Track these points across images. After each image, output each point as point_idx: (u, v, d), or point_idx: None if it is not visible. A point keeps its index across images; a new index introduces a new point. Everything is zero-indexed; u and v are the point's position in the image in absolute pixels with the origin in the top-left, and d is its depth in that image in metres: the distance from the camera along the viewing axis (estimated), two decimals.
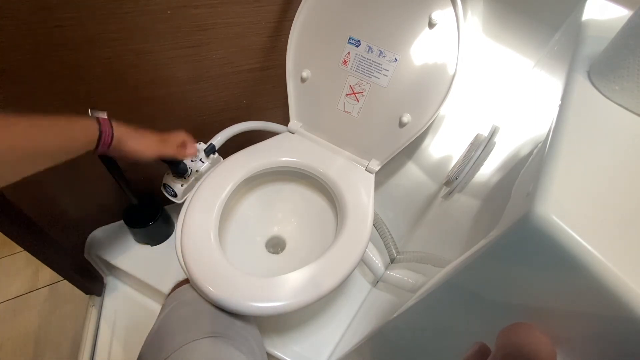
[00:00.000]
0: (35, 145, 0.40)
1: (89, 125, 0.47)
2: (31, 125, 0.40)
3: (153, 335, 0.52)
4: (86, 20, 0.55)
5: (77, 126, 0.46)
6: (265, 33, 0.72)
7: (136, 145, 0.52)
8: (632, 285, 0.17)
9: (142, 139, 0.53)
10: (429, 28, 0.61)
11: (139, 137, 0.53)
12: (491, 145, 0.49)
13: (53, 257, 0.74)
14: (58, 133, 0.42)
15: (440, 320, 0.35)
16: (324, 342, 0.77)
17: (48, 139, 0.41)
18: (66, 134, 0.44)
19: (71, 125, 0.45)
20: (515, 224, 0.20)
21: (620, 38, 0.27)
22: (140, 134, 0.54)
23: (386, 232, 0.82)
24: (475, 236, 0.32)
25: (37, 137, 0.40)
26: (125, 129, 0.51)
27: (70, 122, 0.45)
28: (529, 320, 0.22)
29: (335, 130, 0.76)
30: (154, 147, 0.55)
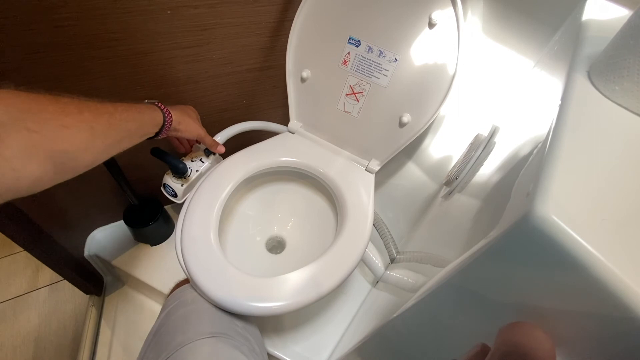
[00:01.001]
0: (120, 129, 0.43)
1: (154, 112, 0.51)
2: (110, 111, 0.42)
3: (153, 335, 0.52)
4: (86, 20, 0.55)
5: (147, 112, 0.49)
6: (265, 33, 0.72)
7: (187, 127, 0.58)
8: (632, 285, 0.17)
9: (188, 119, 0.59)
10: (429, 28, 0.61)
11: (186, 118, 0.58)
12: (491, 145, 0.49)
13: (53, 257, 0.74)
14: (133, 118, 0.46)
15: (441, 320, 0.35)
16: (324, 342, 0.77)
17: (128, 124, 0.44)
18: (139, 118, 0.47)
19: (142, 111, 0.48)
20: (515, 224, 0.20)
21: (620, 38, 0.27)
22: (185, 115, 0.58)
23: (386, 232, 0.82)
24: (475, 236, 0.32)
25: (117, 121, 0.43)
26: (178, 114, 0.56)
27: (140, 108, 0.49)
28: (529, 319, 0.22)
29: (335, 130, 0.76)
30: (199, 128, 0.61)
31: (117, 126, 0.42)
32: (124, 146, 0.44)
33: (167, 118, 0.53)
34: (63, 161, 0.35)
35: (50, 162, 0.33)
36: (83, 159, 0.38)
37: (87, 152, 0.38)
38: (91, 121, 0.38)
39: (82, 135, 0.37)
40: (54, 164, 0.34)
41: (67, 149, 0.35)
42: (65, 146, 0.35)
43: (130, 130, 0.45)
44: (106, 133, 0.40)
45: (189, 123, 0.58)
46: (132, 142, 0.46)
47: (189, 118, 0.58)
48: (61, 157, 0.35)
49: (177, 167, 0.63)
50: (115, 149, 0.43)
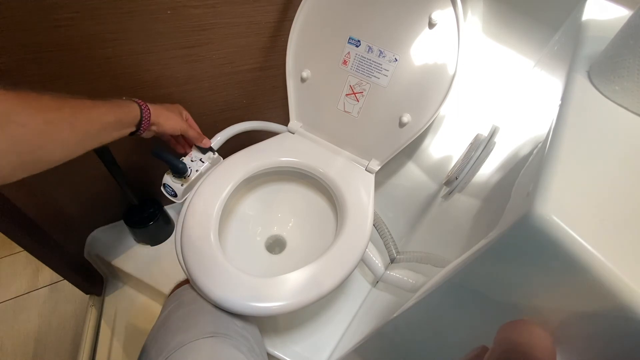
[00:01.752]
0: (97, 123, 0.44)
1: (131, 107, 0.51)
2: (88, 106, 0.43)
3: (153, 335, 0.53)
4: (86, 20, 0.55)
5: (124, 107, 0.50)
6: (265, 33, 0.72)
7: (167, 120, 0.57)
8: (632, 285, 0.17)
9: (168, 113, 0.58)
10: (429, 28, 0.61)
11: (165, 112, 0.57)
12: (491, 145, 0.49)
13: (53, 257, 0.74)
14: (111, 111, 0.46)
15: (441, 320, 0.35)
16: (324, 342, 0.77)
17: (105, 117, 0.45)
18: (117, 113, 0.47)
19: (120, 105, 0.49)
20: (515, 224, 0.20)
21: (620, 38, 0.27)
22: (164, 109, 0.57)
23: (386, 232, 0.82)
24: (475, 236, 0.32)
25: (96, 115, 0.44)
26: (156, 109, 0.55)
27: (118, 103, 0.49)
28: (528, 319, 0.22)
29: (335, 130, 0.76)
30: (180, 122, 0.60)
31: (95, 120, 0.44)
32: (101, 140, 0.46)
33: (145, 112, 0.53)
34: (39, 155, 0.37)
35: (30, 155, 0.36)
36: (59, 153, 0.39)
37: (64, 146, 0.40)
38: (70, 116, 0.40)
39: (62, 131, 0.39)
40: (33, 158, 0.37)
41: (45, 144, 0.37)
42: (45, 141, 0.37)
43: (107, 124, 0.46)
44: (84, 128, 0.42)
45: (168, 117, 0.58)
46: (111, 136, 0.47)
47: (168, 112, 0.58)
48: (38, 152, 0.37)
49: (177, 166, 0.63)
50: (93, 143, 0.44)
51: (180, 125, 0.60)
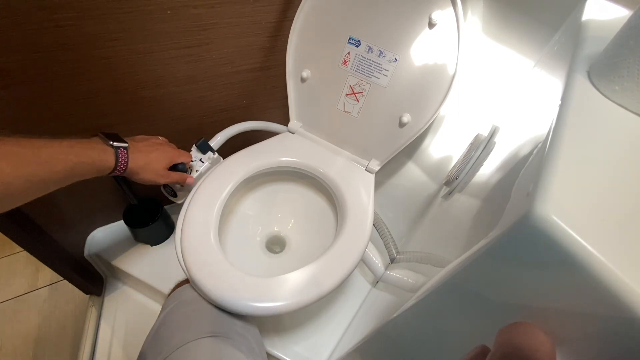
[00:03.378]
0: (47, 173, 0.40)
1: (106, 154, 0.47)
2: (39, 147, 0.39)
3: (153, 335, 0.52)
4: (86, 20, 0.55)
5: (91, 152, 0.46)
6: (265, 33, 0.72)
7: (146, 176, 0.54)
8: (632, 285, 0.17)
9: (148, 169, 0.54)
10: (429, 28, 0.61)
11: (147, 167, 0.54)
12: (491, 145, 0.49)
13: (53, 257, 0.74)
14: (73, 158, 0.43)
15: (440, 320, 0.35)
16: (324, 342, 0.77)
17: (56, 164, 0.41)
18: (75, 158, 0.43)
19: (83, 150, 0.45)
20: (515, 224, 0.20)
21: (620, 38, 0.27)
22: (147, 164, 0.54)
23: (386, 232, 0.82)
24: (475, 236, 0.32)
25: (45, 161, 0.40)
26: (139, 160, 0.52)
27: (86, 147, 0.45)
28: (528, 319, 0.22)
29: (335, 130, 0.76)
30: (159, 174, 0.57)
31: (48, 163, 0.40)
32: (53, 187, 0.42)
33: (121, 163, 0.49)
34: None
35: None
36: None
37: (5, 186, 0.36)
38: (21, 155, 0.37)
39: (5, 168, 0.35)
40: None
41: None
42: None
43: (62, 169, 0.41)
44: (34, 170, 0.38)
45: (147, 173, 0.54)
46: (67, 182, 0.43)
47: (149, 167, 0.54)
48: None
49: (176, 166, 0.63)
50: (42, 189, 0.41)
51: (158, 179, 0.56)
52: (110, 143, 0.48)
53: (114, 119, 0.70)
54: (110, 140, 0.49)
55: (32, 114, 0.61)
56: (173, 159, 0.59)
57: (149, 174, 0.54)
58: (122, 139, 0.51)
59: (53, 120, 0.63)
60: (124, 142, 0.50)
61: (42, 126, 0.63)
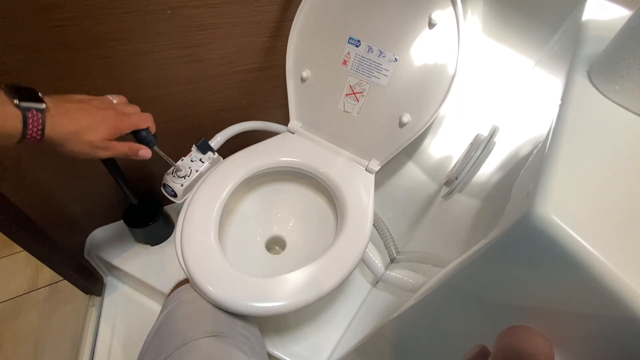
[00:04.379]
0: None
1: (8, 117, 0.35)
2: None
3: (153, 336, 0.52)
4: (86, 20, 0.55)
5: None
6: (265, 33, 0.72)
7: (73, 147, 0.41)
8: (632, 285, 0.17)
9: (82, 137, 0.41)
10: (429, 28, 0.61)
11: (81, 134, 0.41)
12: (491, 145, 0.49)
13: (53, 257, 0.74)
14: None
15: (440, 320, 0.35)
16: (324, 342, 0.77)
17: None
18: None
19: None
20: (515, 224, 0.20)
21: (620, 38, 0.27)
22: (84, 130, 0.41)
23: (386, 232, 0.82)
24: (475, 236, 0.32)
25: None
26: (64, 126, 0.39)
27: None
28: (528, 320, 0.22)
29: (335, 130, 0.76)
30: (96, 149, 0.43)
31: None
32: None
33: (32, 130, 0.36)
34: None
35: None
36: None
37: None
38: None
39: None
40: None
41: None
42: None
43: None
44: None
45: (76, 144, 0.41)
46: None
47: (79, 137, 0.41)
48: None
49: (139, 133, 0.52)
50: None
51: (93, 151, 0.43)
52: (16, 102, 0.36)
53: None
54: (17, 98, 0.36)
55: None
56: (120, 128, 0.45)
57: (78, 145, 0.41)
58: (37, 97, 0.38)
59: None
60: (40, 101, 0.37)
61: None
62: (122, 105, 0.50)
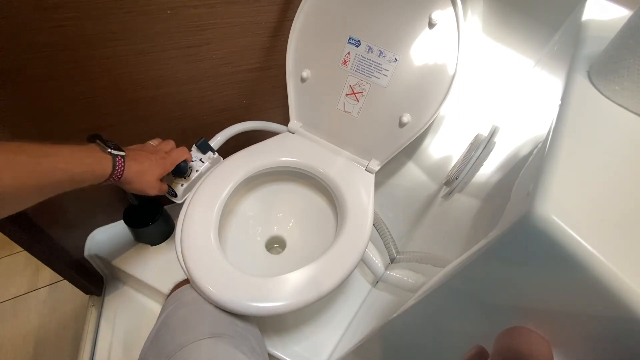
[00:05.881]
0: (48, 182, 0.40)
1: (103, 162, 0.47)
2: (40, 156, 0.39)
3: (153, 338, 0.52)
4: (86, 20, 0.55)
5: (90, 160, 0.46)
6: (265, 33, 0.72)
7: (137, 186, 0.54)
8: (632, 285, 0.17)
9: (142, 180, 0.54)
10: (429, 28, 0.61)
11: (144, 175, 0.54)
12: (491, 145, 0.49)
13: (53, 257, 0.74)
14: (73, 168, 0.43)
15: (440, 320, 0.35)
16: (324, 342, 0.77)
17: (57, 174, 0.41)
18: (76, 167, 0.44)
19: (82, 159, 0.45)
20: (515, 224, 0.20)
21: (620, 38, 0.27)
22: (142, 174, 0.53)
23: (386, 232, 0.82)
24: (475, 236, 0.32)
25: (46, 170, 0.40)
26: (135, 168, 0.51)
27: (85, 155, 0.45)
28: (528, 320, 0.22)
29: (335, 130, 0.76)
30: (153, 185, 0.56)
31: (52, 171, 0.40)
32: (48, 194, 0.42)
33: (117, 171, 0.49)
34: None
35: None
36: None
37: None
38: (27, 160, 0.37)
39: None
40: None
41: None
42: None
43: (62, 178, 0.42)
44: (35, 181, 0.38)
45: (139, 183, 0.54)
46: (65, 189, 0.43)
47: (142, 177, 0.54)
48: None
49: (177, 166, 0.63)
50: (41, 197, 0.41)
51: (148, 190, 0.56)
52: (109, 151, 0.48)
53: (114, 119, 0.70)
54: (109, 148, 0.49)
55: (32, 113, 0.61)
56: (166, 168, 0.59)
57: (140, 184, 0.54)
58: (119, 147, 0.51)
59: (53, 119, 0.63)
60: (122, 150, 0.51)
61: (42, 126, 0.63)
62: (162, 146, 0.61)
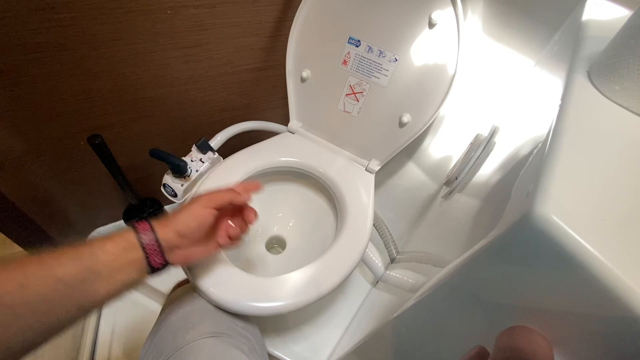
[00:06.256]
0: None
1: (131, 251, 0.36)
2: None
3: (153, 337, 0.52)
4: (86, 20, 0.55)
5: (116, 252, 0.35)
6: (265, 33, 0.72)
7: (191, 243, 0.42)
8: (632, 285, 0.17)
9: (189, 235, 0.42)
10: (429, 28, 0.61)
11: (184, 236, 0.41)
12: (491, 145, 0.49)
13: None
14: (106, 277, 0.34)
15: (440, 320, 0.35)
16: (324, 342, 0.77)
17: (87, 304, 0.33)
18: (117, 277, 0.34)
19: (96, 260, 0.34)
20: (515, 224, 0.20)
21: (620, 38, 0.27)
22: (185, 239, 0.41)
23: (386, 232, 0.82)
24: (475, 236, 0.32)
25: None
26: (172, 236, 0.39)
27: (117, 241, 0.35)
28: (528, 320, 0.22)
29: (335, 130, 0.76)
30: (204, 251, 0.45)
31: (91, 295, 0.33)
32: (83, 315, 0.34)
33: (149, 247, 0.37)
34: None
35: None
36: None
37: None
38: None
39: None
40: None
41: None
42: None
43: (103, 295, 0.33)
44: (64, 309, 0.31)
45: (194, 258, 0.43)
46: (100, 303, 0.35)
47: (191, 230, 0.41)
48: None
49: (177, 165, 0.63)
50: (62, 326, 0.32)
51: (211, 248, 0.45)
52: (135, 229, 0.38)
53: (114, 119, 0.70)
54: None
55: (32, 113, 0.61)
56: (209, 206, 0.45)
57: (195, 235, 0.42)
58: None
59: (53, 119, 0.63)
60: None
61: (42, 126, 0.63)
62: None
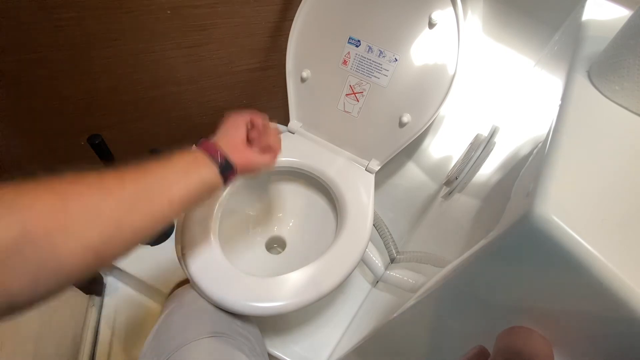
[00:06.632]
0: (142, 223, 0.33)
1: (205, 169, 0.39)
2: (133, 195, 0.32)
3: (153, 337, 0.52)
4: (86, 20, 0.55)
5: (195, 174, 0.38)
6: (265, 33, 0.73)
7: (255, 166, 0.45)
8: (632, 285, 0.17)
9: (249, 162, 0.45)
10: (429, 28, 0.61)
11: (249, 159, 0.45)
12: (491, 145, 0.49)
13: None
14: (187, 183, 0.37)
15: (440, 320, 0.35)
16: (324, 342, 0.77)
17: (155, 214, 0.34)
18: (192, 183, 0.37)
19: (187, 173, 0.38)
20: (515, 224, 0.20)
21: (620, 38, 0.27)
22: (237, 149, 0.45)
23: (386, 232, 0.82)
24: (475, 236, 0.32)
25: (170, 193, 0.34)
26: (222, 142, 0.44)
27: (185, 168, 0.38)
28: (528, 320, 0.22)
29: (335, 130, 0.76)
30: (258, 158, 0.47)
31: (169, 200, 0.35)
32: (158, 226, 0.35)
33: (216, 159, 0.41)
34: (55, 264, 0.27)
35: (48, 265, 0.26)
36: None
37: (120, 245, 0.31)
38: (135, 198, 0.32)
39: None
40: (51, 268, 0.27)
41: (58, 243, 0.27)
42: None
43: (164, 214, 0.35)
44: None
45: (254, 162, 0.45)
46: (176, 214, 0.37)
47: (249, 160, 0.45)
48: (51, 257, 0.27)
49: None
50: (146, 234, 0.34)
51: (268, 164, 0.48)
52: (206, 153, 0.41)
53: (114, 119, 0.70)
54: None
55: (32, 113, 0.61)
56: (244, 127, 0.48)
57: (257, 162, 0.46)
58: None
59: (53, 119, 0.63)
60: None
61: (42, 126, 0.63)
62: None
